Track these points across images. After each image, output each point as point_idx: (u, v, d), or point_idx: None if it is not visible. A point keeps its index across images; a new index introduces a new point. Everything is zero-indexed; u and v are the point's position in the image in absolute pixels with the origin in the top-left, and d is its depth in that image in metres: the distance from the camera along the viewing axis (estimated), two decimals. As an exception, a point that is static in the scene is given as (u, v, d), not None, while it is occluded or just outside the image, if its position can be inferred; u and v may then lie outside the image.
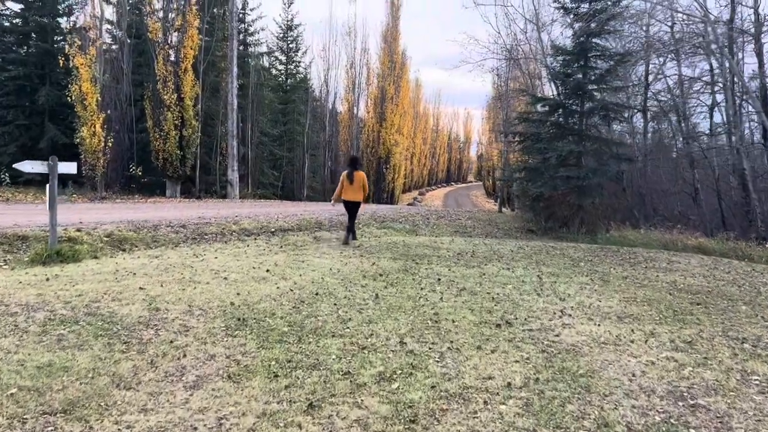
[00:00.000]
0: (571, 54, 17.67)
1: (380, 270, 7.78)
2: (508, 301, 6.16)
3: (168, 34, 20.63)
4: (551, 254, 10.60)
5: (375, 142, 44.46)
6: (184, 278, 6.59)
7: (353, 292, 6.23)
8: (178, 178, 21.31)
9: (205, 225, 10.91)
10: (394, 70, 45.80)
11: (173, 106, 20.27)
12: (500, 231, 17.06)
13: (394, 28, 45.92)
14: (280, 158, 36.23)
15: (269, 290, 6.14)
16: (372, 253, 9.51)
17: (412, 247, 10.61)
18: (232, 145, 23.18)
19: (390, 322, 5.03)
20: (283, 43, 40.78)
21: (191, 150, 21.38)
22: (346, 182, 10.53)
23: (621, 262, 9.76)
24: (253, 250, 9.05)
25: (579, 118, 17.79)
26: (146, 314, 5.03)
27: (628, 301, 6.44)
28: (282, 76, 40.91)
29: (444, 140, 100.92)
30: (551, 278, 7.77)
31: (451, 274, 7.77)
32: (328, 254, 9.14)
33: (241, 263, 7.80)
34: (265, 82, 33.80)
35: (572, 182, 16.48)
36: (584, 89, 16.85)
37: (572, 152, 16.35)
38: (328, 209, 17.68)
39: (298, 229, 12.05)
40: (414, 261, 8.78)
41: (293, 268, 7.56)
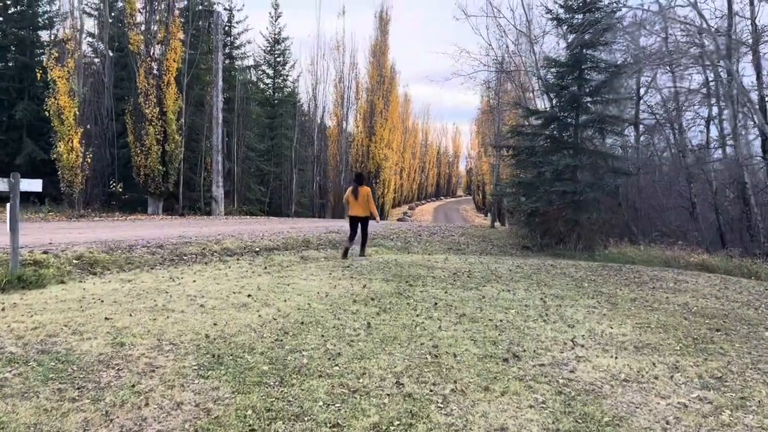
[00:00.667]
0: (565, 66, 17.40)
1: (372, 293, 7.28)
2: (512, 328, 5.67)
3: (150, 47, 20.15)
4: (551, 273, 10.14)
5: (364, 157, 44.13)
6: (156, 306, 6.05)
7: (343, 321, 5.71)
8: (160, 195, 20.71)
9: (185, 245, 10.35)
10: (383, 84, 45.66)
11: (155, 120, 19.74)
12: (495, 248, 16.61)
13: (382, 43, 45.84)
14: (268, 173, 35.72)
15: (250, 319, 5.61)
16: (363, 273, 9.00)
17: (405, 266, 10.11)
18: (216, 161, 22.64)
19: (384, 358, 4.51)
20: (270, 56, 40.47)
21: (174, 165, 20.81)
22: (351, 198, 10.85)
23: (626, 282, 9.31)
24: (234, 272, 8.51)
25: (574, 131, 17.48)
26: (108, 351, 4.48)
27: (642, 328, 5.97)
28: (269, 89, 40.54)
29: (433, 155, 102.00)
30: (556, 301, 7.29)
31: (449, 297, 7.27)
32: (316, 276, 8.62)
33: (221, 287, 7.26)
34: (252, 96, 33.41)
35: (568, 197, 16.12)
36: (579, 101, 16.54)
37: (568, 166, 16.00)
38: (315, 226, 17.17)
39: (284, 248, 11.52)
40: (408, 282, 8.28)
41: (277, 293, 7.03)
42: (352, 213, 10.98)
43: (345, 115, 45.68)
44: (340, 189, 43.39)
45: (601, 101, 17.20)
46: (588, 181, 16.57)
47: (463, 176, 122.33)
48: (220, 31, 22.99)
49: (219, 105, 22.52)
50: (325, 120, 46.03)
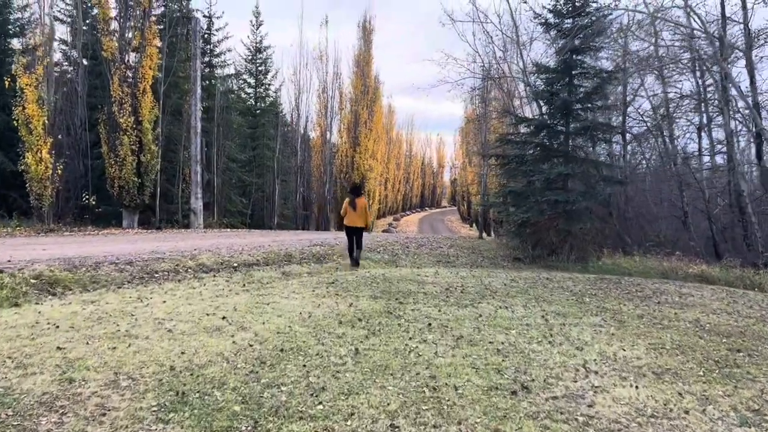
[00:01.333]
0: (555, 72, 17.06)
1: (359, 313, 6.73)
2: (516, 352, 5.15)
3: (125, 53, 19.48)
4: (548, 288, 9.66)
5: (349, 168, 43.65)
6: (118, 331, 5.45)
7: (328, 346, 5.16)
8: (135, 208, 19.96)
9: (157, 261, 9.71)
10: (367, 94, 45.34)
11: (130, 130, 19.03)
12: (486, 260, 16.13)
13: (366, 53, 45.58)
14: (249, 185, 35.02)
15: (223, 346, 5.03)
16: (349, 290, 8.45)
17: (394, 281, 9.58)
18: (195, 171, 21.95)
19: (375, 393, 3.96)
20: (251, 65, 39.90)
21: (150, 177, 20.08)
22: (349, 209, 11.16)
23: (629, 297, 8.85)
24: (209, 291, 7.90)
25: (564, 139, 17.11)
26: (54, 389, 3.89)
27: (656, 350, 5.48)
28: (251, 99, 39.94)
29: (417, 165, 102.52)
30: (558, 319, 6.80)
31: (443, 316, 6.74)
32: (299, 293, 8.05)
33: (194, 308, 6.67)
34: (233, 105, 32.78)
35: (560, 206, 15.71)
36: (570, 108, 16.19)
37: (560, 175, 15.59)
38: (299, 239, 16.57)
39: (265, 263, 10.92)
40: (398, 300, 7.74)
41: (255, 314, 6.46)
42: (349, 223, 11.26)
43: (329, 125, 45.25)
44: (324, 200, 42.85)
45: (591, 108, 16.88)
46: (581, 189, 16.19)
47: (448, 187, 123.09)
48: (198, 38, 22.43)
49: (197, 114, 21.89)
50: (309, 130, 45.56)
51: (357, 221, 11.23)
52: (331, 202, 43.24)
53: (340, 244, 15.06)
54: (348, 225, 11.34)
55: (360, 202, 11.15)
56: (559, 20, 16.94)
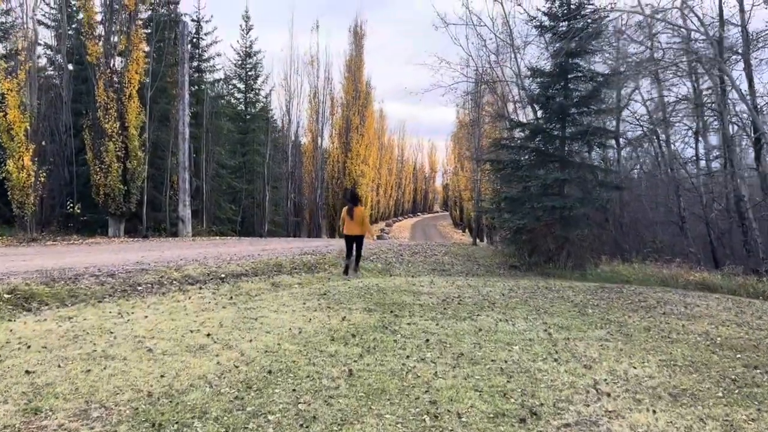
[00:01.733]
0: (550, 76, 16.89)
1: (353, 328, 6.42)
2: (521, 372, 4.85)
3: (110, 58, 19.12)
4: (549, 298, 9.38)
5: (340, 173, 43.35)
6: (94, 352, 5.11)
7: (319, 367, 4.84)
8: (121, 216, 19.56)
9: (141, 272, 9.35)
10: (358, 99, 45.12)
11: (116, 136, 18.65)
12: (481, 267, 15.86)
13: (358, 58, 45.39)
14: (239, 191, 34.65)
15: (206, 368, 4.70)
16: (341, 302, 8.13)
17: (388, 292, 9.26)
18: (183, 178, 21.57)
19: (372, 422, 3.64)
20: (241, 70, 39.59)
21: (136, 184, 19.69)
22: (347, 217, 11.30)
23: (633, 307, 8.58)
24: (195, 304, 7.56)
25: (560, 144, 16.91)
26: (17, 422, 3.55)
27: (669, 367, 5.20)
28: (241, 104, 39.61)
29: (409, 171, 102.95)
30: (562, 333, 6.51)
31: (441, 330, 6.43)
32: (289, 306, 7.72)
33: (177, 324, 6.33)
34: (222, 111, 32.43)
35: (557, 212, 15.48)
36: (566, 113, 15.99)
37: (557, 180, 15.37)
38: (289, 248, 16.24)
39: (254, 274, 10.57)
40: (393, 312, 7.43)
41: (242, 330, 6.13)
42: (348, 232, 11.42)
43: (320, 131, 44.95)
44: (316, 206, 42.49)
45: (587, 112, 16.69)
46: (577, 195, 15.98)
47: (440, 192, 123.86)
48: (186, 42, 22.10)
49: (185, 119, 21.52)
50: (300, 136, 45.25)
51: (355, 229, 11.36)
52: (322, 208, 42.90)
53: (331, 253, 14.75)
54: (347, 234, 11.49)
55: (358, 211, 11.30)
56: (554, 23, 16.76)
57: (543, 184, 15.36)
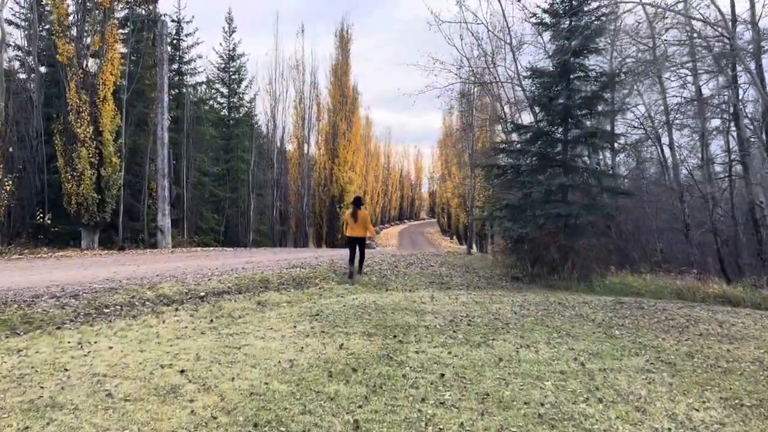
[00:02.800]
0: (551, 76, 16.19)
1: (353, 359, 5.59)
2: (564, 419, 4.03)
3: (83, 58, 18.15)
4: (565, 316, 8.59)
5: (327, 180, 42.61)
6: (40, 399, 4.24)
7: (317, 415, 4.00)
8: (95, 226, 18.53)
9: (109, 292, 8.42)
10: (345, 104, 44.54)
11: (89, 141, 17.65)
12: (482, 279, 15.05)
13: (344, 62, 44.87)
14: (223, 200, 33.65)
15: (177, 420, 3.84)
16: (337, 325, 7.28)
17: (388, 311, 8.43)
18: (162, 186, 20.59)
19: (393, 507, 2.79)
20: (224, 74, 38.75)
21: (112, 192, 18.68)
22: (350, 221, 12.12)
23: (662, 327, 7.81)
24: (169, 330, 6.67)
25: (563, 148, 16.20)
26: None
27: (734, 407, 4.42)
28: (224, 109, 38.71)
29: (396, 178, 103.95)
30: (595, 362, 5.71)
31: (456, 361, 5.61)
32: (277, 330, 6.87)
33: (146, 356, 5.46)
34: (205, 116, 31.47)
35: (561, 221, 14.73)
36: (571, 114, 15.29)
37: (562, 186, 14.63)
38: (276, 260, 15.34)
39: (237, 291, 9.68)
40: (396, 337, 6.60)
41: (223, 363, 5.28)
42: (351, 234, 12.21)
43: (306, 137, 44.23)
44: (302, 214, 41.64)
45: (591, 114, 16.00)
46: (582, 202, 15.25)
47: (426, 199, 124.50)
48: (165, 42, 21.17)
49: (164, 124, 20.58)
50: (285, 142, 44.41)
51: (359, 231, 12.16)
52: (309, 217, 42.07)
53: (322, 265, 13.89)
54: (350, 236, 12.25)
55: (361, 214, 12.10)
56: (555, 20, 16.08)
57: (547, 190, 14.61)
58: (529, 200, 15.85)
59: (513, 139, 18.10)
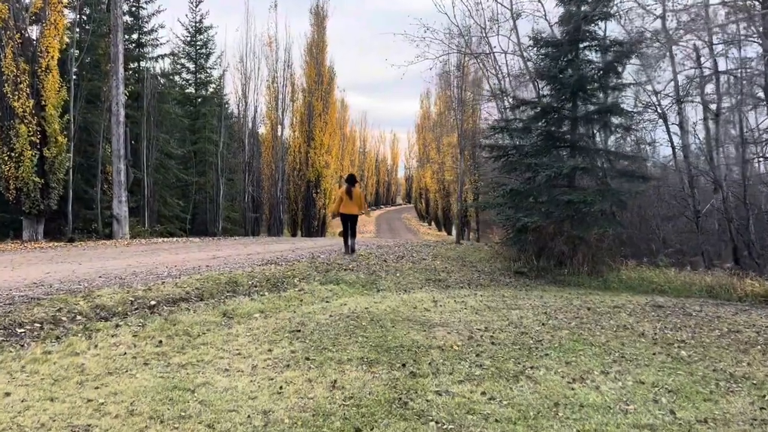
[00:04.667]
0: (558, 45, 14.71)
1: (352, 407, 4.11)
2: None
3: (21, 21, 16.09)
4: (604, 326, 7.16)
5: (303, 164, 40.81)
6: None
7: None
8: (39, 215, 16.59)
9: (29, 303, 6.72)
10: (321, 84, 42.68)
11: (29, 117, 15.65)
12: (483, 275, 13.60)
13: (320, 40, 42.93)
14: (189, 185, 31.67)
15: None
16: (324, 346, 5.76)
17: (386, 323, 6.93)
18: (118, 169, 18.66)
19: None
20: (190, 48, 36.51)
21: (58, 176, 16.73)
22: (346, 198, 12.95)
23: (734, 344, 6.40)
24: (99, 362, 5.07)
25: (571, 126, 14.79)
26: None
27: None
28: (190, 86, 36.54)
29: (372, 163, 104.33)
30: (686, 409, 4.27)
31: (497, 409, 4.14)
32: (246, 358, 5.34)
33: (55, 412, 3.89)
34: (168, 92, 29.39)
35: (572, 208, 13.32)
36: (583, 88, 13.84)
37: (576, 169, 13.19)
38: (247, 254, 13.66)
39: (199, 297, 8.04)
40: (406, 367, 5.12)
41: (167, 422, 3.73)
42: (346, 211, 13.06)
43: (280, 118, 42.22)
44: (276, 200, 39.79)
45: (603, 89, 14.56)
46: (595, 188, 13.88)
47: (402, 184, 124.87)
48: (120, 6, 19.10)
49: (120, 99, 18.60)
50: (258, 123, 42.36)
51: (353, 209, 13.04)
52: (284, 202, 40.26)
53: (301, 260, 12.28)
54: (344, 212, 13.11)
55: (356, 192, 13.04)
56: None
57: (558, 174, 13.16)
58: (534, 185, 14.44)
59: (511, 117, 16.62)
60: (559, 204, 13.70)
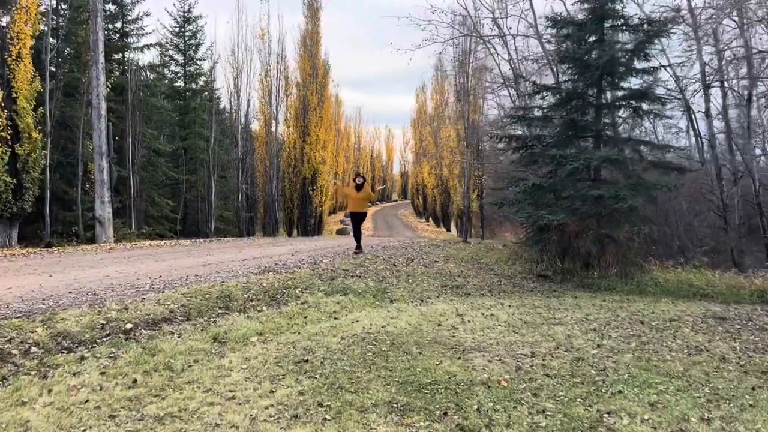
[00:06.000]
0: (581, 25, 13.60)
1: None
2: None
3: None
4: (671, 347, 6.08)
5: (298, 161, 39.57)
6: None
7: None
8: (12, 218, 15.40)
9: (-26, 331, 5.57)
10: (316, 77, 41.42)
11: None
12: (503, 279, 12.50)
13: (314, 31, 41.68)
14: (179, 183, 30.44)
15: None
16: (339, 385, 4.67)
17: (411, 347, 5.84)
18: (100, 167, 17.46)
19: None
20: (179, 39, 35.23)
21: (33, 175, 15.54)
22: (354, 194, 13.17)
23: None
24: (50, 416, 3.96)
25: (596, 114, 13.69)
26: None
27: None
28: (179, 79, 35.26)
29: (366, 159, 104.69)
30: None
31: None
32: (242, 404, 4.28)
33: None
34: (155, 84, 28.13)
35: (602, 204, 12.22)
36: (615, 72, 12.73)
37: (607, 161, 12.07)
38: (242, 259, 12.50)
39: (185, 317, 6.90)
40: (449, 417, 4.01)
41: None
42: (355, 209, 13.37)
43: (274, 113, 40.96)
44: (271, 198, 38.61)
45: (631, 72, 13.44)
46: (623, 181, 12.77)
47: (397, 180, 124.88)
48: (99, -10, 17.85)
49: (101, 90, 17.38)
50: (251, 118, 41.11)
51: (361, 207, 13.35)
52: (279, 200, 39.06)
53: (302, 266, 11.14)
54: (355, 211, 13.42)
55: (365, 189, 13.24)
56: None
57: (587, 166, 12.04)
58: (557, 179, 13.34)
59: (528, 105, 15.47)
60: (586, 200, 12.62)
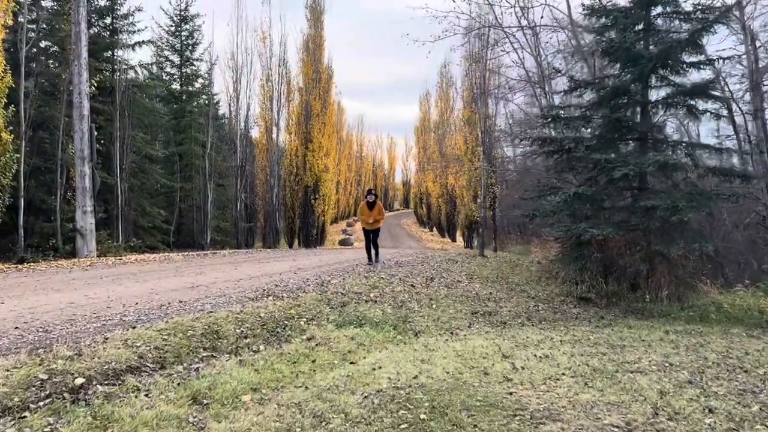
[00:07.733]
0: (625, 12, 12.20)
1: None
2: None
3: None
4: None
5: (300, 169, 38.32)
6: None
7: None
8: (-20, 230, 14.03)
9: None
10: (319, 83, 40.28)
11: (-36, 109, 13.13)
12: (540, 303, 11.03)
13: (317, 35, 40.62)
14: (173, 191, 29.05)
15: None
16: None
17: (460, 415, 4.53)
18: (81, 173, 16.07)
19: None
20: (175, 39, 34.04)
21: (2, 182, 14.16)
22: (366, 211, 13.71)
23: None
24: None
25: (641, 113, 12.27)
26: None
27: None
28: (176, 82, 34.01)
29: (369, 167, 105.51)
30: None
31: None
32: None
33: None
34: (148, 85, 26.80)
35: (655, 217, 10.74)
36: (668, 64, 11.32)
37: (665, 166, 10.59)
38: (237, 279, 11.03)
39: (158, 365, 5.44)
40: None
41: None
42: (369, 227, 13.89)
43: (275, 119, 39.68)
44: (272, 208, 37.28)
45: (682, 66, 12.00)
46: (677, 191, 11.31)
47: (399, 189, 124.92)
48: (82, -24, 16.51)
49: (83, 88, 16.01)
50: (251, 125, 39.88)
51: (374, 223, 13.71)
52: (279, 210, 37.70)
53: (307, 289, 9.67)
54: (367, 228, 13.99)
55: (377, 205, 13.58)
56: None
57: (638, 172, 10.60)
58: (599, 187, 11.89)
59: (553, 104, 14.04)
60: (635, 211, 11.17)
